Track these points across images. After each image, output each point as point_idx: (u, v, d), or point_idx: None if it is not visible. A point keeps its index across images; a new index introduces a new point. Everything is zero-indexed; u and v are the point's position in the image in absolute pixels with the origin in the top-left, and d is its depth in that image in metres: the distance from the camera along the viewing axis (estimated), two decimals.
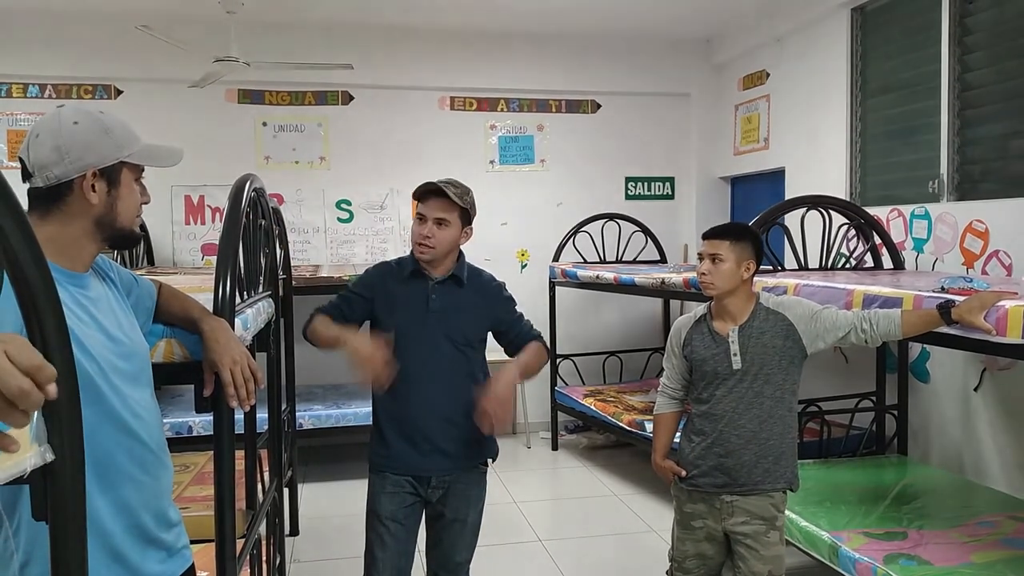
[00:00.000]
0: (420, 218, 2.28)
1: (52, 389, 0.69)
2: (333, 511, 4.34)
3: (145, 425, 1.38)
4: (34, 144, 1.33)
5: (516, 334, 2.40)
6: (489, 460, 2.43)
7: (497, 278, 2.48)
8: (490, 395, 2.15)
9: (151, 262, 5.26)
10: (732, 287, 2.31)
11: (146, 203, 1.47)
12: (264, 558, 2.59)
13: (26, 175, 1.34)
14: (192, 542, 1.59)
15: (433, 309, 2.29)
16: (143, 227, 5.10)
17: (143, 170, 1.45)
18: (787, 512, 2.66)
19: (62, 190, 1.33)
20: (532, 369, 2.35)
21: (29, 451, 0.76)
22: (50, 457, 0.79)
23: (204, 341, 1.57)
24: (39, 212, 1.32)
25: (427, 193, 2.28)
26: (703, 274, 2.33)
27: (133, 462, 1.35)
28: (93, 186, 1.34)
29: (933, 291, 2.40)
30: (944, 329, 2.21)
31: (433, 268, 2.32)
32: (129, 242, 1.46)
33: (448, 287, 2.33)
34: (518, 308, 2.46)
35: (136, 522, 1.37)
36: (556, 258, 5.70)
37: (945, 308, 2.18)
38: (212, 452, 1.79)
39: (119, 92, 5.35)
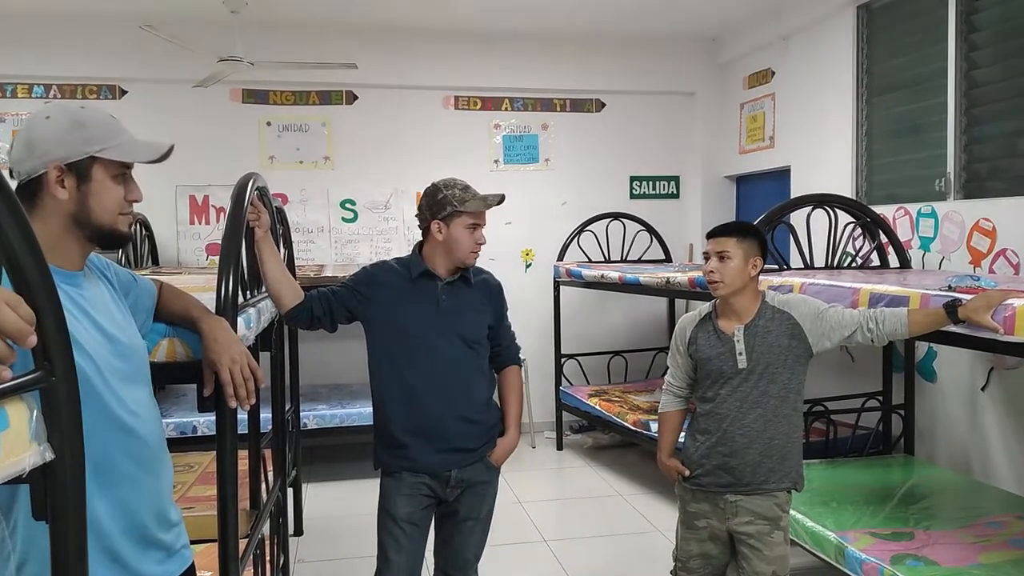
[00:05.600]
0: (475, 227, 2.32)
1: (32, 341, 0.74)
2: (337, 511, 4.33)
3: (143, 423, 1.37)
4: (15, 141, 1.33)
5: (497, 343, 2.45)
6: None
7: (495, 277, 2.51)
8: (498, 451, 2.40)
9: (155, 262, 5.26)
10: (740, 285, 2.30)
11: (135, 201, 1.42)
12: (268, 558, 2.58)
13: (10, 174, 1.32)
14: (196, 542, 1.59)
15: (444, 310, 2.31)
16: (146, 225, 5.11)
17: (129, 167, 1.41)
18: (793, 512, 2.64)
19: (34, 187, 1.31)
20: (521, 413, 2.55)
21: (28, 450, 0.75)
22: (49, 456, 0.78)
23: (203, 340, 1.57)
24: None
25: (485, 206, 2.34)
26: (711, 272, 2.32)
27: (131, 461, 1.35)
28: (62, 181, 1.31)
29: (940, 290, 2.38)
30: (951, 328, 2.20)
31: (441, 269, 2.34)
32: (114, 240, 1.40)
33: (457, 287, 2.36)
34: (508, 314, 2.53)
35: (135, 522, 1.36)
36: (561, 257, 5.69)
37: (952, 307, 2.16)
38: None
39: (123, 92, 5.36)
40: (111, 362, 1.32)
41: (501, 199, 2.36)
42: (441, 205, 2.30)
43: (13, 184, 1.32)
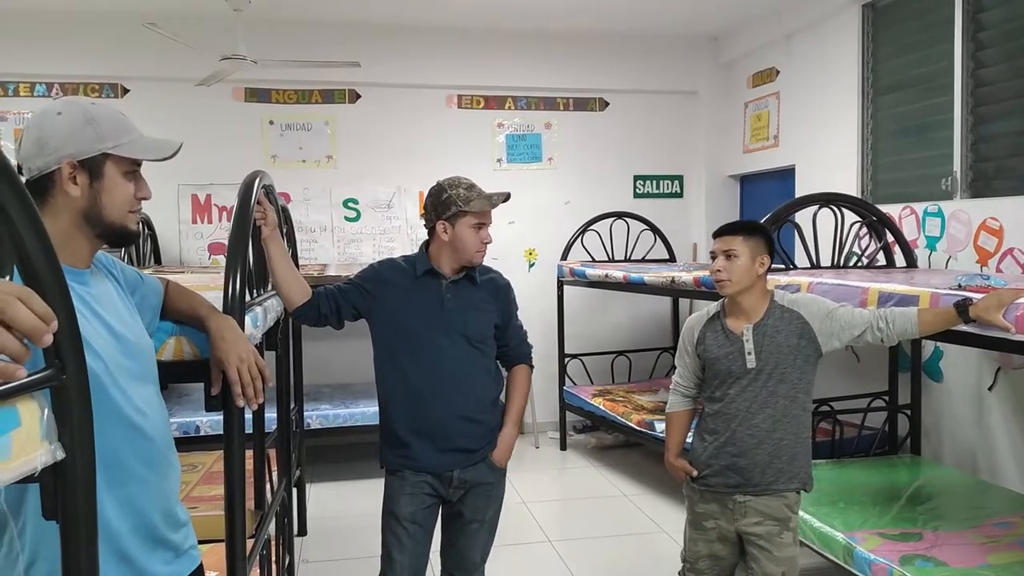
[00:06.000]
0: (481, 226, 2.32)
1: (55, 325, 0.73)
2: (341, 511, 4.32)
3: (151, 422, 1.36)
4: (24, 138, 1.31)
5: (506, 342, 2.44)
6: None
7: (504, 276, 2.49)
8: (497, 451, 2.37)
9: (158, 261, 5.25)
10: (748, 283, 2.29)
11: (144, 198, 1.41)
12: (273, 558, 2.57)
13: (19, 170, 1.31)
14: (201, 542, 1.57)
15: (448, 308, 2.30)
16: (149, 225, 5.10)
17: (139, 164, 1.40)
18: (801, 513, 2.63)
19: (44, 183, 1.30)
20: (523, 412, 2.49)
21: (40, 449, 0.74)
22: (60, 455, 0.77)
23: (211, 339, 1.56)
24: None
25: (491, 205, 2.33)
26: (718, 271, 2.31)
27: (139, 460, 1.33)
28: (74, 178, 1.30)
29: (950, 289, 2.37)
30: (962, 327, 2.18)
31: (446, 268, 2.33)
32: (123, 238, 1.39)
33: (462, 286, 2.35)
34: (519, 313, 2.50)
35: (143, 522, 1.35)
36: (564, 257, 5.68)
37: (963, 306, 2.15)
38: (220, 452, 1.78)
39: (126, 91, 5.35)
40: (119, 361, 1.31)
41: (507, 197, 2.35)
42: (446, 205, 2.29)
43: (23, 180, 1.31)
